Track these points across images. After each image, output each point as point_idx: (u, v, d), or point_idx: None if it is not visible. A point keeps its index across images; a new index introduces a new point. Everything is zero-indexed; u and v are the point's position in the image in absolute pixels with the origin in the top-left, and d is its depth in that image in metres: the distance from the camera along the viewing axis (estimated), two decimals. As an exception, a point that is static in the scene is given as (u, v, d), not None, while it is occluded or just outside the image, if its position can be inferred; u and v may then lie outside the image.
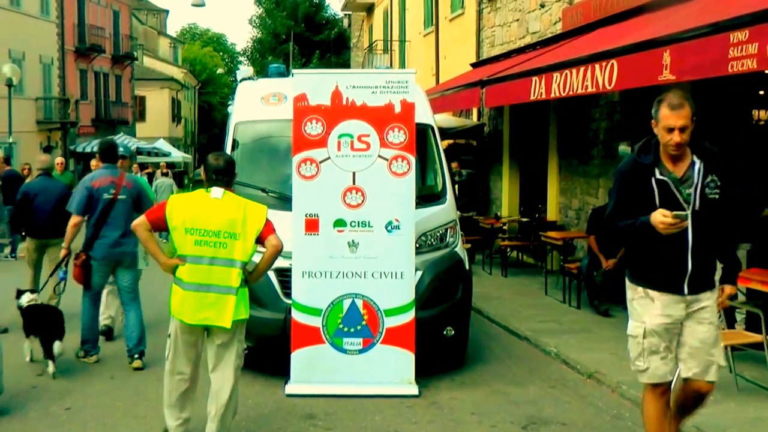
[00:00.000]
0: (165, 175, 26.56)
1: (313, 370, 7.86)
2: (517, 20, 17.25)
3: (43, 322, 8.39)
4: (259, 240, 6.11)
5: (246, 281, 6.19)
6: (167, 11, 77.01)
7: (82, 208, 8.67)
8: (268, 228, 6.13)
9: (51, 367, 8.29)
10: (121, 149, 9.83)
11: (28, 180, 16.41)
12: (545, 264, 13.88)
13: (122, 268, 8.88)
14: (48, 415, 7.26)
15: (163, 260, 6.19)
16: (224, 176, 6.24)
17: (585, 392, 8.03)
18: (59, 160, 18.05)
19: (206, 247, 5.98)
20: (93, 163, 16.11)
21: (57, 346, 8.21)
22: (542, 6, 15.71)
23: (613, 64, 8.63)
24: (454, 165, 14.10)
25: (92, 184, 8.79)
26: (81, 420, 7.14)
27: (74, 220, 8.72)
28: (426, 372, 8.19)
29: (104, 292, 9.51)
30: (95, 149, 17.61)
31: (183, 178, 44.48)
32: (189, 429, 6.47)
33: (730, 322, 8.60)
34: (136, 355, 8.75)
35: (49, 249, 10.49)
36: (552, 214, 15.39)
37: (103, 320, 9.68)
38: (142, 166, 29.85)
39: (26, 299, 8.70)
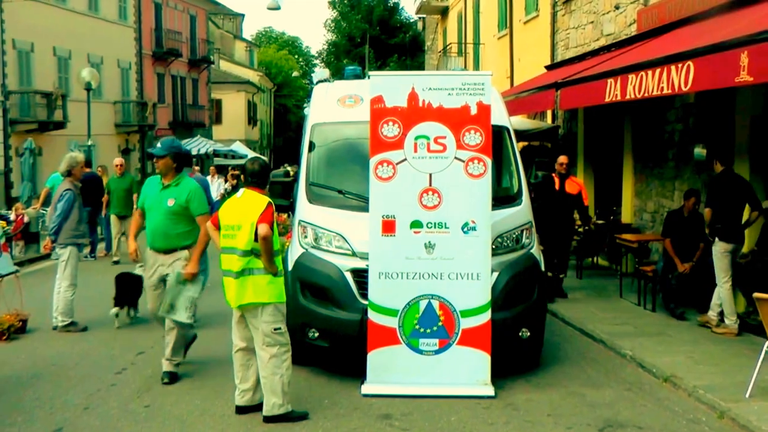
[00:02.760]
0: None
1: (389, 370, 7.90)
2: (592, 22, 17.12)
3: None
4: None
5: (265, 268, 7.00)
6: (243, 15, 78.07)
7: None
8: (263, 217, 6.90)
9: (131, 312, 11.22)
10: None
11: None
12: (620, 267, 13.74)
13: None
14: (128, 412, 7.41)
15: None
16: (257, 179, 7.20)
17: (661, 396, 7.96)
18: (118, 161, 18.41)
19: (226, 239, 7.10)
20: None
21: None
22: (617, 8, 15.56)
23: (689, 65, 8.52)
24: None
25: None
26: (160, 418, 7.27)
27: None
28: (501, 373, 8.18)
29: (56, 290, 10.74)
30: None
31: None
32: (252, 399, 7.30)
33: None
34: None
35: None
36: (627, 216, 15.23)
37: None
38: (219, 169, 30.37)
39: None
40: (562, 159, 12.81)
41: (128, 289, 11.09)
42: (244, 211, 7.00)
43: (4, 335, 10.26)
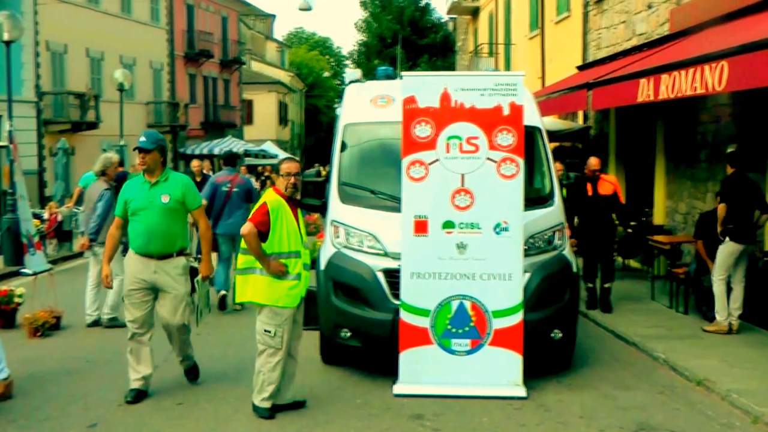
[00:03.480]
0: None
1: (421, 370, 7.91)
2: (624, 22, 17.04)
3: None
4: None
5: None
6: (274, 16, 78.16)
7: (207, 196, 11.75)
8: (252, 216, 7.14)
9: None
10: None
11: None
12: (652, 268, 13.65)
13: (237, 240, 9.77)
14: (161, 410, 7.48)
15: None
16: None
17: (694, 399, 7.90)
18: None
19: None
20: (194, 163, 16.80)
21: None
22: (649, 7, 15.47)
23: (723, 65, 8.44)
24: (558, 166, 13.73)
25: (216, 180, 12.38)
26: (193, 415, 7.33)
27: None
28: (533, 374, 8.17)
29: (90, 285, 11.05)
30: (205, 152, 18.54)
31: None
32: (281, 397, 7.36)
33: None
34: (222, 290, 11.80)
35: None
36: (659, 217, 15.14)
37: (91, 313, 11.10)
38: (250, 168, 30.57)
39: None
40: (593, 162, 11.90)
41: None
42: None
43: (39, 332, 10.41)
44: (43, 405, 7.60)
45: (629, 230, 14.07)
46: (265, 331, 7.12)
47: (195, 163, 17.62)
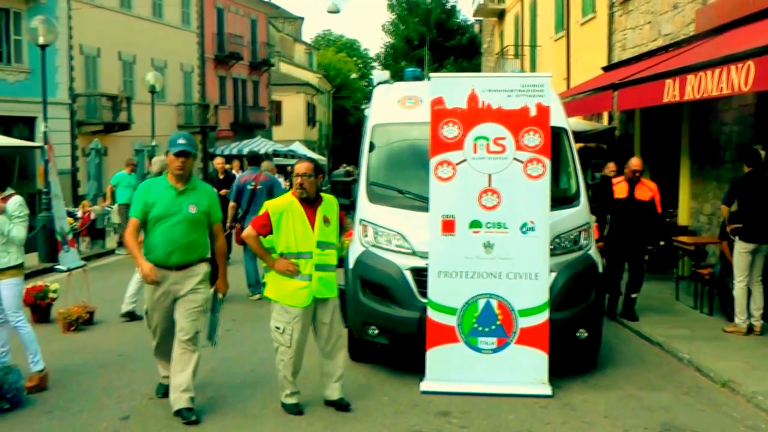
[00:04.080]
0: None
1: (448, 368, 7.99)
2: (649, 23, 17.03)
3: None
4: None
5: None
6: (303, 18, 78.34)
7: (233, 197, 12.99)
8: (252, 220, 7.46)
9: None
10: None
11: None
12: (676, 269, 13.64)
13: None
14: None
15: None
16: None
17: (719, 401, 7.90)
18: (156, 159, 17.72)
19: None
20: (217, 160, 17.01)
21: None
22: (675, 7, 15.46)
23: (749, 65, 8.45)
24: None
25: (240, 180, 13.18)
26: (223, 410, 7.45)
27: (231, 204, 12.93)
28: (559, 373, 8.23)
29: (135, 278, 11.08)
30: (234, 152, 18.82)
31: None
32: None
33: None
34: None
35: None
36: (683, 218, 15.12)
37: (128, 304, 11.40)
38: (280, 169, 30.80)
39: None
40: (634, 163, 11.29)
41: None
42: None
43: (72, 326, 10.64)
44: (77, 397, 7.78)
45: (652, 248, 12.35)
46: (276, 327, 7.27)
47: (218, 160, 17.87)
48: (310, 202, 7.23)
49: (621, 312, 11.53)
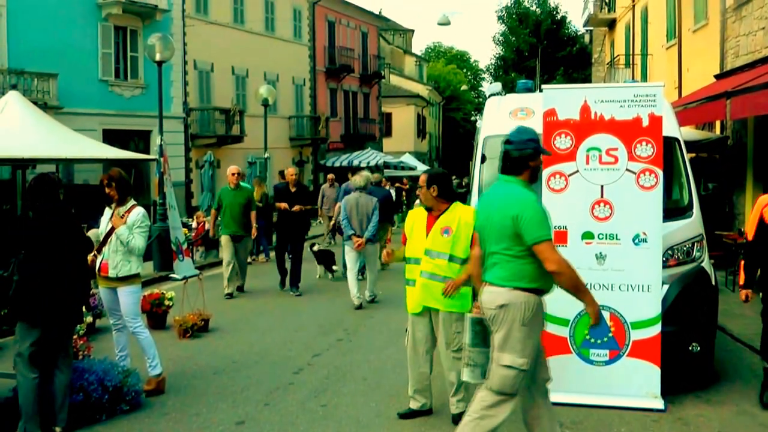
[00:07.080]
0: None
1: (560, 379, 7.88)
2: (763, 28, 16.58)
3: (326, 257, 16.84)
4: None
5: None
6: (413, 31, 78.92)
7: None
8: None
9: (330, 275, 16.88)
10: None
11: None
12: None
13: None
14: (305, 411, 7.78)
15: None
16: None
17: (836, 418, 7.67)
18: (234, 169, 15.45)
19: None
20: (290, 170, 16.16)
21: (334, 268, 16.87)
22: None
23: None
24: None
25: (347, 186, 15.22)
26: (336, 417, 7.59)
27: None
28: (671, 387, 8.13)
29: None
30: (344, 164, 19.75)
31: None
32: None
33: None
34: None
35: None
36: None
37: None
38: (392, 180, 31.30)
39: (315, 247, 17.15)
40: None
41: (325, 258, 17.00)
42: None
43: (188, 333, 11.00)
44: (193, 401, 8.07)
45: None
46: (406, 328, 7.71)
47: (290, 171, 15.90)
48: (432, 211, 7.44)
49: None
